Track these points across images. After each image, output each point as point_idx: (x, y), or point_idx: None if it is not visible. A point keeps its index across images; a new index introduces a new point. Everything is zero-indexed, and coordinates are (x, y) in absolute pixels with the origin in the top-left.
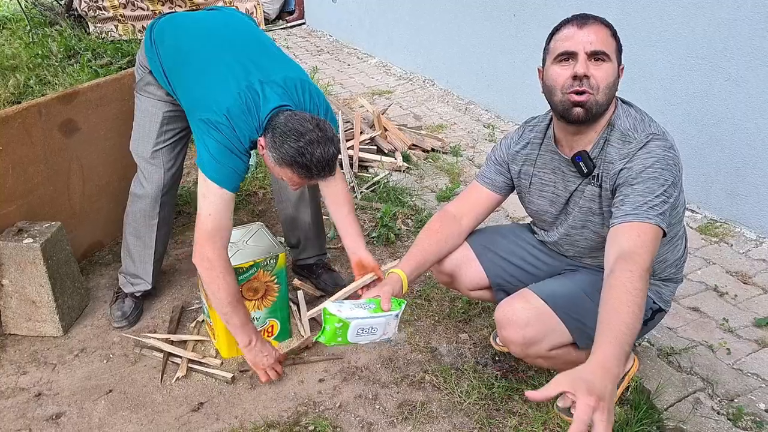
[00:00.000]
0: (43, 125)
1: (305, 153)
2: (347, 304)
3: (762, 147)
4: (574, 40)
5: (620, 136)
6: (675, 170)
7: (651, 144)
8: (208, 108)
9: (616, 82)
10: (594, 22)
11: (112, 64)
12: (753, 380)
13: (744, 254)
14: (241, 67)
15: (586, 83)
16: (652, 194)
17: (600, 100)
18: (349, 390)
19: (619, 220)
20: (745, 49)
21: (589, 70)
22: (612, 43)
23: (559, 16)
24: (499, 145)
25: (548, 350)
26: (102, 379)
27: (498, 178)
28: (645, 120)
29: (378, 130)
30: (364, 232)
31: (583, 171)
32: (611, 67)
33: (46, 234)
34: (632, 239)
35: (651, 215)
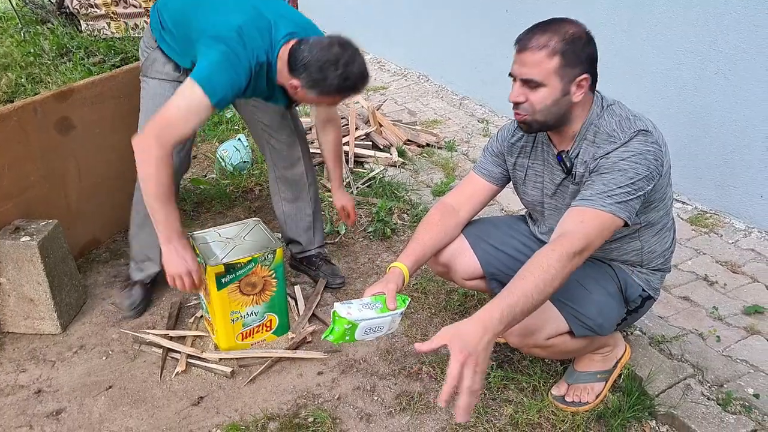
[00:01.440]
0: (38, 123)
1: (348, 77)
2: (355, 304)
3: (750, 139)
4: (514, 65)
5: (606, 137)
6: (653, 164)
7: (633, 140)
8: (219, 28)
9: (560, 101)
10: (534, 45)
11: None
12: (742, 366)
13: (733, 244)
14: (249, 3)
15: (520, 108)
16: (616, 185)
17: (538, 119)
18: (348, 382)
19: (575, 203)
20: (733, 43)
21: (522, 96)
22: (551, 65)
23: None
24: (496, 136)
25: (545, 339)
26: (101, 375)
27: (495, 169)
28: (630, 118)
29: (373, 125)
30: (360, 227)
31: (564, 168)
32: (546, 91)
33: (44, 232)
34: (574, 223)
35: (606, 203)
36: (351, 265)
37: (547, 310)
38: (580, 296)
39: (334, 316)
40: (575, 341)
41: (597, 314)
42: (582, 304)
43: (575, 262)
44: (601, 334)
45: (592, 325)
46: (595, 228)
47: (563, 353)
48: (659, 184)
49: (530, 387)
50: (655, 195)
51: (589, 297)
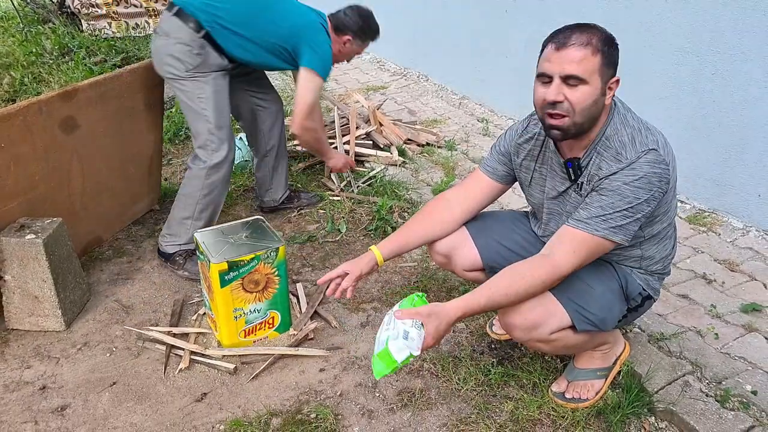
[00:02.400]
0: (43, 122)
1: (372, 19)
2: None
3: (747, 139)
4: (551, 63)
5: (614, 153)
6: (656, 186)
7: (641, 160)
8: (309, 21)
9: (599, 101)
10: (575, 43)
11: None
12: (740, 363)
13: (731, 243)
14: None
15: (559, 107)
16: (613, 209)
17: (577, 121)
18: (350, 379)
19: (571, 221)
20: (731, 45)
21: (561, 95)
22: (593, 62)
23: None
24: (504, 135)
25: (549, 334)
26: (106, 371)
27: (499, 167)
28: (642, 131)
29: (373, 125)
30: (361, 225)
31: (571, 176)
32: (588, 89)
33: (48, 230)
34: (566, 249)
35: (600, 228)
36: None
37: (552, 306)
38: (583, 292)
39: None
40: (577, 336)
41: (599, 309)
42: (584, 299)
43: (558, 282)
44: (603, 329)
45: (594, 320)
46: (587, 254)
47: (565, 348)
48: (664, 200)
49: (530, 384)
50: (659, 210)
51: (591, 292)
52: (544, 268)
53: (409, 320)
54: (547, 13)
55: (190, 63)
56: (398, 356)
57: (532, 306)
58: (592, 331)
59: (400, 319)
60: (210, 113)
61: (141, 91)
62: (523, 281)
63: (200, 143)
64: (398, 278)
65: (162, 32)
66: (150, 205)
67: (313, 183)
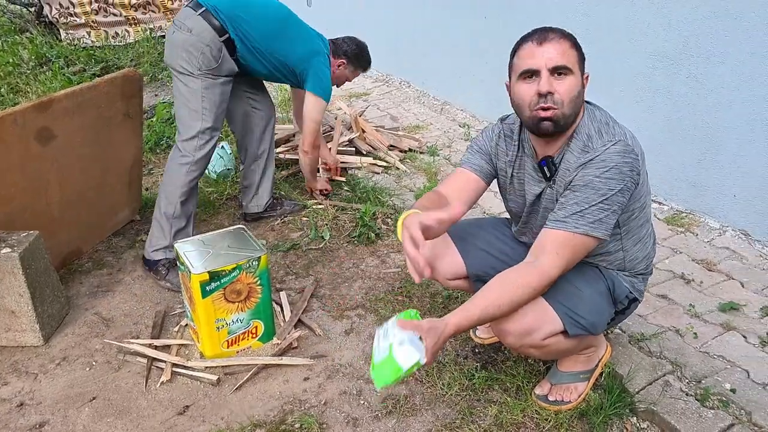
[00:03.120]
0: (19, 134)
1: (365, 49)
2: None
3: (721, 141)
4: (535, 58)
5: (582, 146)
6: (627, 176)
7: (608, 151)
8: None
9: (581, 93)
10: (553, 37)
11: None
12: (719, 362)
13: (708, 243)
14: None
15: (550, 99)
16: (588, 203)
17: (566, 113)
18: (334, 387)
19: (549, 223)
20: (704, 48)
21: (552, 86)
22: (573, 54)
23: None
24: (481, 135)
25: (542, 339)
26: (85, 386)
27: (484, 165)
28: (610, 123)
29: (356, 131)
30: (344, 232)
31: (546, 175)
32: (574, 80)
33: (24, 243)
34: (550, 251)
35: (579, 224)
36: (336, 270)
37: (544, 311)
38: (574, 296)
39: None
40: (568, 341)
41: (590, 313)
42: (576, 304)
43: (548, 282)
44: (594, 333)
45: (586, 324)
46: (572, 253)
47: (556, 353)
48: (637, 193)
49: (514, 387)
50: (635, 204)
51: (581, 296)
52: (532, 275)
53: (410, 332)
54: (525, 19)
55: (204, 63)
56: (405, 363)
57: (525, 312)
58: (583, 336)
59: (403, 329)
60: (209, 115)
61: (119, 101)
62: (514, 291)
63: (188, 137)
64: (382, 284)
65: (185, 28)
66: (131, 216)
67: (296, 190)
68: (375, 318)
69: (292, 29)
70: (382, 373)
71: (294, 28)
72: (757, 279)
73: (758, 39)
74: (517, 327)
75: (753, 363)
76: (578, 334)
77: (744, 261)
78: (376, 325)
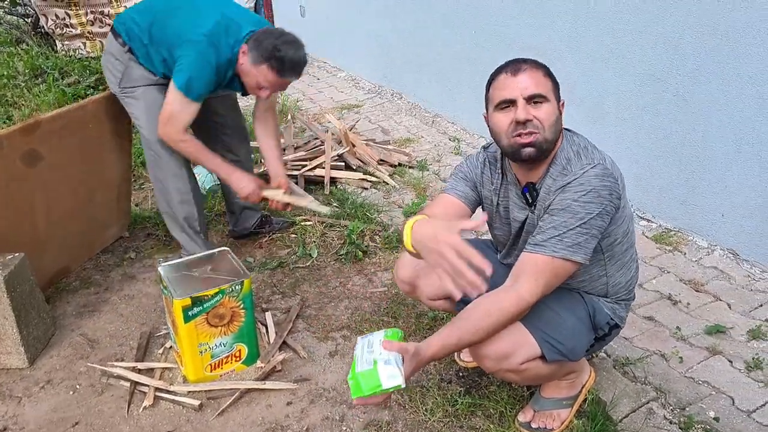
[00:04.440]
0: (5, 157)
1: (281, 49)
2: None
3: (709, 159)
4: (510, 88)
5: (560, 169)
6: (606, 200)
7: (587, 174)
8: (191, 34)
9: (559, 119)
10: (527, 68)
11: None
12: (704, 388)
13: (696, 262)
14: (215, 7)
15: (530, 125)
16: (566, 227)
17: (548, 137)
18: (317, 412)
19: (528, 247)
20: (690, 67)
21: (529, 113)
22: (547, 82)
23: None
24: (465, 162)
25: (519, 364)
26: (68, 411)
27: (469, 192)
28: (588, 147)
29: (346, 146)
30: (332, 249)
31: (528, 201)
32: (551, 106)
33: (10, 266)
34: (528, 276)
35: (558, 248)
36: (322, 290)
37: (522, 335)
38: (553, 321)
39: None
40: (547, 366)
41: (568, 339)
42: (554, 329)
43: (526, 307)
44: (572, 359)
45: (563, 350)
46: (550, 278)
47: (535, 378)
48: (618, 218)
49: (497, 413)
50: (617, 230)
51: (560, 322)
52: (510, 300)
53: (396, 353)
54: (512, 35)
55: (118, 77)
56: (387, 382)
57: (502, 336)
58: (562, 361)
59: (388, 350)
60: (144, 125)
61: (107, 121)
62: (492, 317)
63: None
64: (368, 304)
65: (105, 49)
66: (119, 233)
67: None
68: None
69: (177, 17)
70: (361, 385)
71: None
72: (744, 300)
73: (745, 59)
74: (495, 351)
75: (738, 389)
76: (556, 360)
77: (732, 281)
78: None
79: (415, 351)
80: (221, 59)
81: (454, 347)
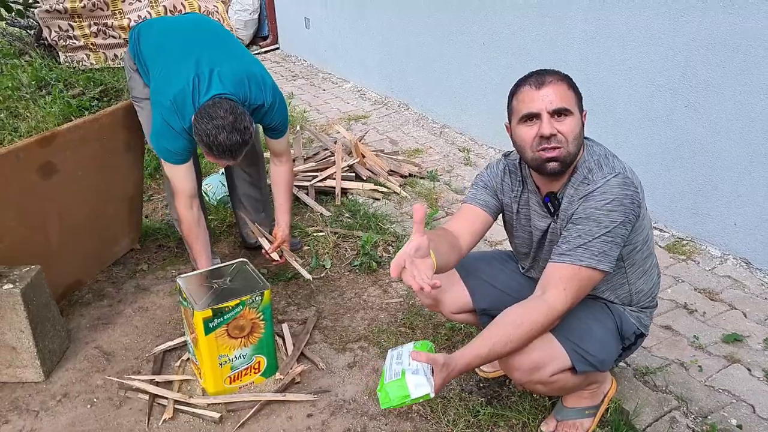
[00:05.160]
0: (21, 169)
1: (210, 134)
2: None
3: (721, 168)
4: (535, 102)
5: (582, 179)
6: (629, 208)
7: (609, 183)
8: (163, 94)
9: (582, 131)
10: (551, 80)
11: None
12: (724, 396)
13: (710, 271)
14: (196, 58)
15: (554, 140)
16: (592, 236)
17: (571, 150)
18: (338, 424)
19: (554, 257)
20: (702, 78)
21: (554, 128)
22: (571, 95)
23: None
24: (486, 172)
25: (549, 376)
26: (86, 425)
27: (490, 200)
28: (609, 157)
29: (356, 157)
30: (346, 260)
31: (551, 211)
32: (574, 120)
33: (26, 278)
34: (557, 287)
35: (584, 257)
36: (337, 300)
37: (553, 347)
38: (583, 332)
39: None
40: (575, 377)
41: (598, 350)
42: (584, 340)
43: (555, 316)
44: (602, 370)
45: (594, 362)
46: (578, 287)
47: (562, 389)
48: (638, 226)
49: (520, 424)
50: (637, 238)
51: (591, 333)
52: (540, 311)
53: (424, 363)
54: (522, 46)
55: (129, 84)
56: (414, 392)
57: (533, 348)
58: (591, 372)
59: (416, 360)
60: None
61: (121, 133)
62: (522, 328)
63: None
64: (384, 315)
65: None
66: (131, 245)
67: (296, 218)
68: (378, 350)
69: (159, 63)
70: (389, 395)
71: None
72: (760, 309)
73: (756, 70)
74: (525, 363)
75: (758, 397)
76: (586, 371)
77: (746, 290)
78: (379, 358)
79: (445, 362)
80: (186, 123)
81: (485, 359)
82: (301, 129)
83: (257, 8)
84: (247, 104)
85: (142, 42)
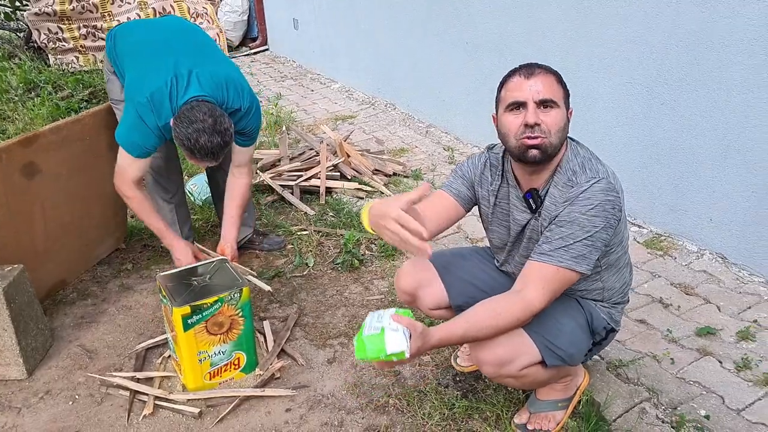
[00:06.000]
0: (3, 170)
1: (191, 138)
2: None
3: (696, 165)
4: (522, 91)
5: (566, 180)
6: (610, 214)
7: (593, 189)
8: (138, 91)
9: (567, 126)
10: (540, 72)
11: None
12: (695, 388)
13: (686, 266)
14: (175, 60)
15: (537, 130)
16: (574, 239)
17: (554, 142)
18: (316, 418)
19: (535, 256)
20: (677, 76)
21: (538, 118)
22: (559, 89)
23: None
24: (466, 161)
25: (519, 370)
26: (68, 421)
27: (464, 191)
28: (592, 160)
29: (341, 156)
30: (328, 258)
31: (531, 207)
32: (560, 113)
33: (8, 277)
34: (536, 284)
35: (564, 258)
36: (319, 298)
37: (522, 342)
38: (553, 327)
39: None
40: (546, 371)
41: (568, 345)
42: (554, 335)
43: (530, 315)
44: (572, 364)
45: (563, 356)
46: (556, 287)
47: (532, 383)
48: (617, 229)
49: (494, 416)
50: (614, 240)
51: (561, 328)
52: (517, 305)
53: (404, 326)
54: (504, 45)
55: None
56: (391, 347)
57: (503, 342)
58: (561, 366)
59: (397, 322)
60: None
61: (104, 133)
62: (498, 318)
63: None
64: (365, 312)
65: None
66: (116, 245)
67: (281, 217)
68: None
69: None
70: (366, 347)
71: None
72: (734, 303)
73: (729, 67)
74: (496, 357)
75: (728, 388)
76: (556, 365)
77: (721, 284)
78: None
79: (423, 330)
80: (161, 122)
81: (458, 339)
82: (287, 129)
83: (246, 10)
84: (224, 107)
85: (119, 44)
